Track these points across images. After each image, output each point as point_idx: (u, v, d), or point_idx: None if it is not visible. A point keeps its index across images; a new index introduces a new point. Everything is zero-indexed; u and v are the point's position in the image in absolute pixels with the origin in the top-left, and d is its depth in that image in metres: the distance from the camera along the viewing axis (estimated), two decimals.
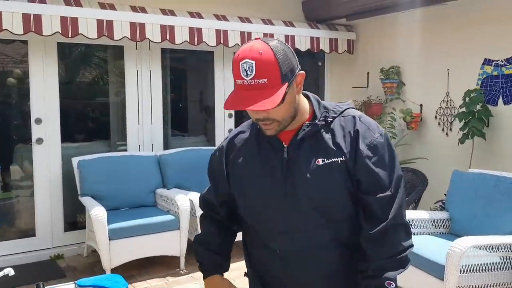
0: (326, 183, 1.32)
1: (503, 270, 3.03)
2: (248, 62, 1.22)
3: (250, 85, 1.23)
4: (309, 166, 1.33)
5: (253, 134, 1.43)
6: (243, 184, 1.42)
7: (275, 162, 1.36)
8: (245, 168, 1.41)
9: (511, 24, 4.21)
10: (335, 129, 1.36)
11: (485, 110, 4.28)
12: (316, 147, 1.34)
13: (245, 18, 4.94)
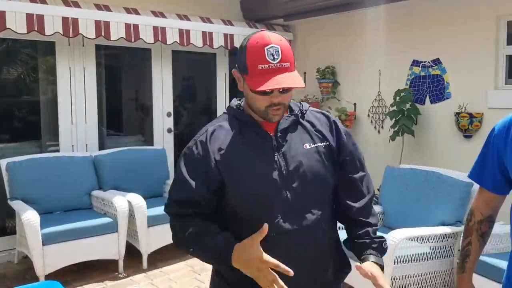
0: (315, 164, 1.47)
1: (433, 260, 3.24)
2: (274, 46, 1.35)
3: (276, 68, 1.35)
4: (299, 150, 1.46)
5: (235, 127, 1.49)
6: (239, 172, 1.43)
7: (266, 149, 1.46)
8: (238, 157, 1.44)
9: (436, 28, 4.49)
10: (312, 120, 1.54)
11: (414, 109, 4.54)
12: (300, 134, 1.50)
13: (183, 15, 4.89)
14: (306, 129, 1.51)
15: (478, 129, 4.26)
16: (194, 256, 1.48)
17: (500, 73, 4.19)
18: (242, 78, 1.45)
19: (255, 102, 1.43)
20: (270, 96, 1.40)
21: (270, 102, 1.41)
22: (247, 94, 1.46)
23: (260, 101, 1.42)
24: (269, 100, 1.40)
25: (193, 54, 5.39)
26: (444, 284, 3.35)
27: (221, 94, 5.77)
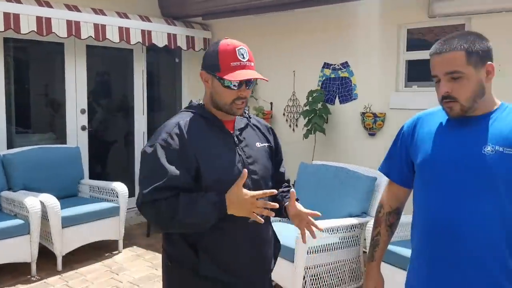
0: (264, 159, 1.77)
1: (342, 249, 3.51)
2: (243, 48, 1.67)
3: (246, 65, 1.63)
4: (254, 147, 1.76)
5: (202, 122, 1.70)
6: (212, 160, 1.64)
7: (229, 144, 1.71)
8: (210, 147, 1.66)
9: (345, 32, 4.81)
10: (256, 124, 1.84)
11: (325, 109, 4.83)
12: (252, 134, 1.79)
13: (98, 10, 4.77)
14: (255, 131, 1.81)
15: (381, 127, 4.65)
16: (185, 228, 1.61)
17: (400, 76, 4.60)
18: (212, 77, 1.66)
19: (223, 96, 1.65)
20: (238, 90, 1.63)
21: (238, 95, 1.64)
22: (215, 92, 1.67)
23: (228, 95, 1.64)
24: (236, 93, 1.63)
25: (108, 49, 5.28)
26: (351, 271, 3.64)
27: (138, 91, 5.70)
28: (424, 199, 1.57)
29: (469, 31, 1.54)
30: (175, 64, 6.10)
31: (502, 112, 1.49)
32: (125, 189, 4.47)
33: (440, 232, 1.48)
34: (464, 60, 1.43)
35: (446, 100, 1.47)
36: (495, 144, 1.42)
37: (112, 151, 5.79)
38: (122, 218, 4.43)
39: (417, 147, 1.60)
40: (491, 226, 1.41)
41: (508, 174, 1.40)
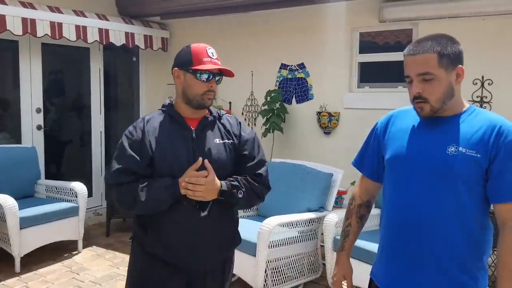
0: (222, 155, 1.93)
1: (300, 242, 3.67)
2: (211, 48, 1.92)
3: (215, 62, 1.89)
4: (211, 143, 1.92)
5: (166, 119, 1.94)
6: (164, 152, 1.87)
7: (186, 139, 1.90)
8: (164, 140, 1.89)
9: (301, 35, 4.99)
10: (225, 122, 2.01)
11: (283, 108, 4.99)
12: (214, 132, 1.96)
13: (55, 7, 4.70)
14: (219, 128, 1.97)
15: (336, 126, 4.86)
16: (146, 210, 1.86)
17: (353, 78, 4.83)
18: (185, 72, 1.89)
19: (195, 88, 1.87)
20: (209, 83, 1.87)
21: (208, 87, 1.87)
22: (187, 85, 1.89)
23: (200, 87, 1.87)
24: (207, 86, 1.87)
25: (64, 47, 5.20)
26: (310, 263, 3.81)
27: (95, 90, 5.65)
28: (391, 193, 1.65)
29: (442, 34, 1.57)
30: (133, 63, 6.08)
31: (469, 114, 1.55)
32: (84, 189, 4.44)
33: (403, 225, 1.58)
34: (436, 62, 1.49)
35: (417, 101, 1.53)
36: (458, 145, 1.49)
37: (68, 151, 5.71)
38: (81, 218, 4.40)
39: (388, 144, 1.67)
40: (448, 222, 1.50)
41: (468, 174, 1.48)
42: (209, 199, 1.84)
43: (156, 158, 1.87)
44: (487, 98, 4.07)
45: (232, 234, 2.04)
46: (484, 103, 4.07)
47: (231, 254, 2.09)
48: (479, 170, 1.48)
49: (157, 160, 1.87)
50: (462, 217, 1.51)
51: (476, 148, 1.48)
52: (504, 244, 1.47)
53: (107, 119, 5.83)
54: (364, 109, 4.67)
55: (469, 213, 1.51)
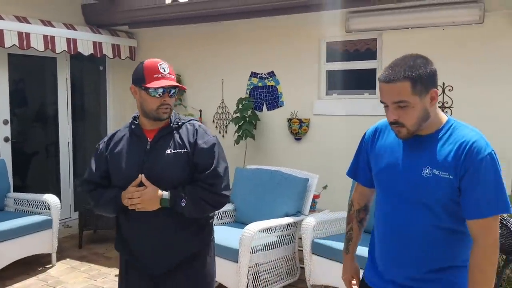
0: (170, 166, 2.00)
1: (280, 247, 3.77)
2: (164, 64, 2.00)
3: (167, 77, 1.96)
4: (163, 154, 2.00)
5: (127, 132, 2.08)
6: (117, 164, 2.04)
7: (140, 150, 2.02)
8: (120, 153, 2.05)
9: (271, 43, 5.12)
10: (183, 131, 2.06)
11: (254, 115, 5.10)
12: (168, 142, 2.02)
13: (22, 17, 4.61)
14: (174, 138, 2.03)
15: (306, 132, 5.01)
16: (104, 213, 2.15)
17: (321, 85, 5.00)
18: (139, 88, 1.98)
19: (149, 103, 1.97)
20: (162, 97, 1.95)
21: (161, 102, 1.96)
22: (143, 101, 1.99)
23: (154, 103, 1.96)
24: (160, 100, 1.96)
25: (30, 57, 5.09)
26: (288, 267, 3.91)
27: (62, 100, 5.55)
28: (379, 202, 1.77)
29: (415, 55, 1.62)
30: (100, 72, 6.02)
31: (446, 131, 1.61)
32: (57, 201, 4.37)
33: (389, 233, 1.71)
34: (409, 90, 1.53)
35: (394, 125, 1.60)
36: (432, 167, 1.56)
37: (36, 162, 5.57)
38: (55, 231, 4.33)
39: (374, 159, 1.77)
40: (428, 235, 1.61)
41: (443, 194, 1.55)
42: (151, 209, 1.96)
43: (110, 170, 2.06)
44: (448, 103, 4.32)
45: (190, 236, 2.07)
46: (445, 108, 4.32)
47: (197, 253, 2.10)
48: (452, 190, 1.55)
49: (111, 173, 2.06)
50: (438, 233, 1.60)
51: (449, 170, 1.55)
52: (474, 258, 1.57)
53: (75, 130, 5.74)
54: (333, 115, 4.85)
55: (445, 229, 1.60)
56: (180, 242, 2.05)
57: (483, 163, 1.54)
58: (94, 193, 2.09)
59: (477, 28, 4.14)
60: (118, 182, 2.03)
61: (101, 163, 2.08)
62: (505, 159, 3.99)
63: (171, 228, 2.02)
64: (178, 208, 1.97)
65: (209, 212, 2.11)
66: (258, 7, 4.63)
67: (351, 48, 4.96)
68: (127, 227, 2.09)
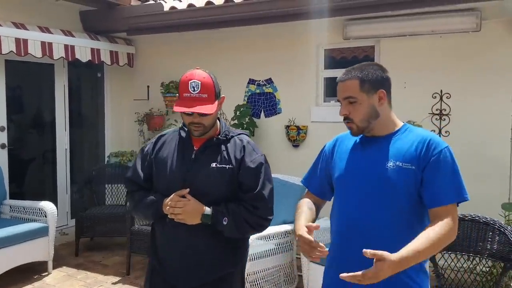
0: (213, 180, 1.93)
1: (277, 254, 3.76)
2: (196, 81, 1.88)
3: (195, 97, 1.87)
4: (207, 167, 1.94)
5: (175, 137, 2.04)
6: (162, 167, 1.99)
7: (186, 159, 1.97)
8: (165, 157, 2.00)
9: (269, 51, 5.13)
10: (230, 145, 1.98)
11: (252, 122, 5.10)
12: (214, 155, 1.96)
13: (20, 24, 4.61)
14: (221, 151, 1.96)
15: (304, 139, 5.01)
16: (140, 218, 2.04)
17: (319, 92, 5.01)
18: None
19: (184, 120, 1.95)
20: (192, 117, 1.89)
21: (191, 121, 1.90)
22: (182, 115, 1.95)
23: (186, 119, 1.93)
24: (190, 119, 1.90)
25: (28, 64, 5.09)
26: (286, 275, 3.90)
27: (60, 106, 5.54)
28: (339, 207, 1.81)
29: (372, 62, 1.82)
30: (98, 79, 6.02)
31: (403, 133, 1.75)
32: (54, 208, 4.35)
33: (351, 233, 1.74)
34: (357, 87, 1.71)
35: (346, 121, 1.75)
36: (395, 160, 1.68)
37: (33, 169, 5.54)
38: (51, 238, 4.30)
39: (335, 164, 1.85)
40: (389, 230, 1.66)
41: (407, 185, 1.66)
42: (190, 222, 1.88)
43: (154, 173, 2.02)
44: (445, 110, 4.33)
45: (223, 255, 2.00)
46: (443, 116, 4.33)
47: (227, 274, 2.02)
48: (415, 181, 1.66)
49: (154, 177, 2.02)
50: (403, 224, 1.67)
51: (411, 161, 1.67)
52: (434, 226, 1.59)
53: (72, 136, 5.72)
54: (331, 122, 4.83)
55: (409, 220, 1.68)
56: (212, 260, 1.97)
57: (441, 155, 1.66)
58: (135, 194, 2.06)
59: (474, 35, 4.15)
60: (159, 187, 2.00)
61: (146, 165, 2.05)
62: (502, 166, 4.04)
63: (206, 245, 1.95)
64: (219, 226, 1.89)
65: (249, 234, 2.05)
66: (256, 14, 4.64)
67: (349, 55, 4.98)
68: (161, 235, 2.04)
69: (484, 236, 2.86)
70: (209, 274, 1.97)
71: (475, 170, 4.07)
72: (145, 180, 2.04)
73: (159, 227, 2.04)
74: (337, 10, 4.34)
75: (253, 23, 4.86)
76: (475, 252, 2.90)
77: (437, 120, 4.35)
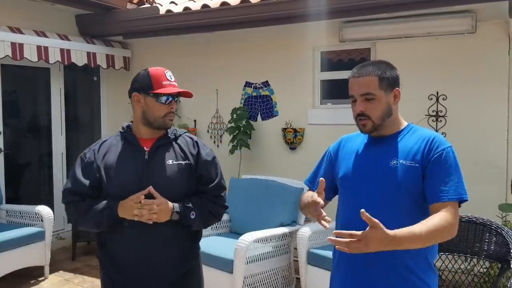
0: (174, 176, 1.97)
1: (275, 257, 3.75)
2: (169, 72, 2.01)
3: (173, 85, 1.98)
4: (164, 164, 1.96)
5: (119, 141, 2.02)
6: (113, 172, 1.96)
7: (138, 161, 1.96)
8: (114, 162, 1.97)
9: (265, 54, 5.13)
10: (181, 143, 2.04)
11: (249, 125, 5.09)
12: (169, 152, 2.00)
13: (15, 28, 4.59)
14: (173, 149, 2.01)
15: (301, 142, 5.01)
16: (87, 228, 2.02)
17: (316, 94, 5.01)
18: (145, 95, 1.95)
19: (156, 111, 1.94)
20: (169, 105, 1.96)
21: (169, 109, 1.96)
22: (148, 108, 1.95)
23: (161, 110, 1.95)
24: (168, 108, 1.96)
25: (24, 68, 5.08)
26: (284, 277, 3.89)
27: (56, 110, 5.52)
28: (344, 207, 1.82)
29: (382, 60, 1.84)
30: (94, 82, 6.00)
31: (407, 132, 1.78)
32: (51, 213, 4.34)
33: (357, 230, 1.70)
34: (377, 84, 1.71)
35: (360, 118, 1.74)
36: (399, 158, 1.69)
37: (29, 174, 5.53)
38: (48, 243, 4.28)
39: (340, 165, 1.86)
40: (396, 223, 1.62)
41: (410, 182, 1.67)
42: (162, 220, 1.90)
43: (104, 180, 1.97)
44: (442, 112, 4.34)
45: (189, 249, 2.06)
46: (439, 117, 4.34)
47: (192, 268, 2.08)
48: (418, 177, 1.68)
49: (105, 182, 1.97)
50: (407, 222, 1.62)
51: (415, 159, 1.69)
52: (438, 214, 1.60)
53: (69, 140, 5.70)
54: (328, 125, 4.84)
55: (413, 216, 1.65)
56: (179, 256, 2.01)
57: (444, 153, 1.68)
58: (80, 205, 1.96)
59: (470, 37, 4.16)
60: (112, 191, 1.95)
61: (91, 172, 1.98)
62: (498, 166, 4.04)
63: (171, 240, 1.98)
64: (187, 220, 1.94)
65: (212, 224, 2.14)
66: (252, 17, 4.64)
67: (345, 57, 4.99)
68: (119, 242, 1.97)
69: (481, 237, 2.85)
70: (176, 270, 2.00)
71: (472, 171, 4.07)
72: (91, 187, 1.97)
73: (115, 234, 1.96)
74: (333, 13, 4.34)
75: (249, 26, 4.85)
76: (472, 253, 2.90)
77: (434, 122, 4.35)
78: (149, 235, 1.92)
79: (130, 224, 1.91)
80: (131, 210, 1.87)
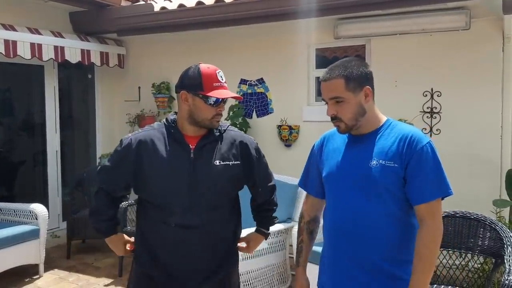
0: (220, 178, 1.90)
1: (270, 254, 3.75)
2: (221, 72, 1.93)
3: (224, 86, 1.91)
4: (210, 165, 1.89)
5: (162, 135, 1.92)
6: (156, 170, 1.87)
7: (184, 158, 1.88)
8: (155, 159, 1.87)
9: (260, 51, 5.12)
10: (228, 140, 1.95)
11: (245, 122, 5.09)
12: (214, 151, 1.91)
13: (8, 25, 4.56)
14: (219, 148, 1.92)
15: (296, 139, 5.01)
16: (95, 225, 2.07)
17: (311, 92, 5.01)
18: (193, 95, 1.87)
19: (204, 113, 1.87)
20: (217, 107, 1.89)
21: (217, 111, 1.90)
22: (196, 108, 1.87)
23: (209, 112, 1.88)
24: (216, 110, 1.89)
25: (17, 65, 5.05)
26: (279, 274, 3.89)
27: (50, 108, 5.49)
28: (329, 206, 1.85)
29: (353, 58, 1.81)
30: (88, 80, 5.98)
31: (386, 129, 1.76)
32: (45, 211, 4.32)
33: (340, 234, 1.76)
34: (343, 87, 1.69)
35: (333, 120, 1.75)
36: (378, 158, 1.69)
37: (23, 172, 5.50)
38: (42, 241, 4.27)
39: (323, 163, 1.86)
40: (377, 227, 1.69)
41: (390, 182, 1.68)
42: None
43: (145, 179, 1.89)
44: (436, 108, 4.35)
45: (225, 253, 2.02)
46: (434, 114, 4.35)
47: (228, 273, 2.05)
48: (398, 178, 1.68)
49: (149, 181, 1.89)
50: (390, 221, 1.69)
51: (393, 159, 1.68)
52: (420, 238, 1.67)
53: (63, 138, 5.68)
54: (323, 122, 4.79)
55: (396, 216, 1.69)
56: (223, 255, 2.00)
57: (423, 151, 1.67)
58: (96, 197, 2.02)
59: (464, 34, 4.17)
60: (155, 191, 1.89)
61: (127, 170, 1.90)
62: (492, 162, 4.06)
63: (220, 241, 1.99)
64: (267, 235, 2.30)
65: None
66: (247, 14, 4.64)
67: (340, 54, 4.98)
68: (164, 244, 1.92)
69: (475, 232, 2.88)
70: (216, 273, 1.98)
71: (466, 167, 4.10)
72: (125, 189, 2.03)
73: (158, 232, 1.92)
74: (327, 10, 4.34)
75: (244, 23, 4.85)
76: (467, 249, 2.92)
77: (428, 118, 4.36)
78: (196, 236, 1.90)
79: (177, 224, 1.88)
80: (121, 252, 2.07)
